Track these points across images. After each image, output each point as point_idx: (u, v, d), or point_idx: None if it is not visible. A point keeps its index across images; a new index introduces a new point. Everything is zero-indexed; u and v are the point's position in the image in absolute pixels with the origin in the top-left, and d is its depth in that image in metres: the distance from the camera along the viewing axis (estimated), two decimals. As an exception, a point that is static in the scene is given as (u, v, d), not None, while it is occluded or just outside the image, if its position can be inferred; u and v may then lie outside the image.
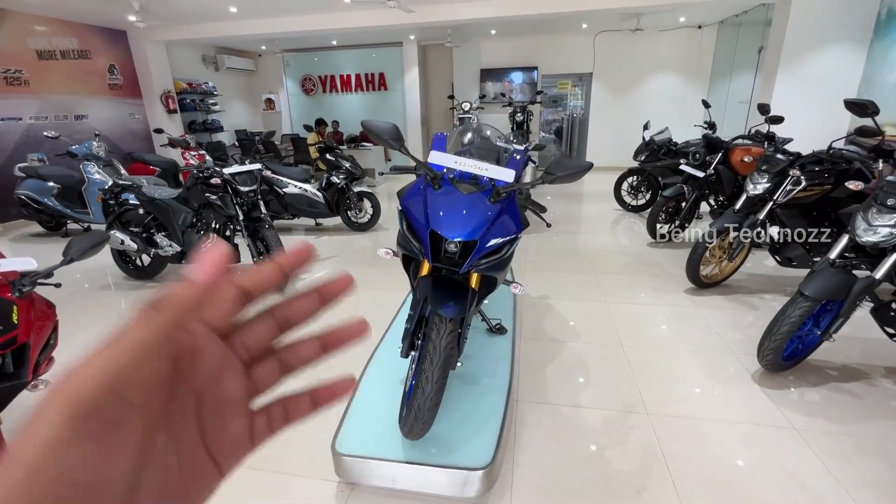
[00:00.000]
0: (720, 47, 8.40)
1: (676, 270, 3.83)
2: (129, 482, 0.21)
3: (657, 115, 8.11)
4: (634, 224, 5.49)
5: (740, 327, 2.87)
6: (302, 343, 0.30)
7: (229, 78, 9.77)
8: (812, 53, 5.56)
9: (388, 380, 2.04)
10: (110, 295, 3.69)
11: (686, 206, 4.48)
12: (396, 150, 1.45)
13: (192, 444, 0.25)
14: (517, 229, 1.49)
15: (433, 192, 1.48)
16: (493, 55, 9.41)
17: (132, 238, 3.62)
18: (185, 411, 0.24)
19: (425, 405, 1.42)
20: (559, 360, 2.53)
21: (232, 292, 0.26)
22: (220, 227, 3.57)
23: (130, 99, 7.49)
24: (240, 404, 0.27)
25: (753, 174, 3.19)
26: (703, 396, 2.21)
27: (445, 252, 1.45)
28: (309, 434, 1.96)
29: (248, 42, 9.25)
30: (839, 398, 2.17)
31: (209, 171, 3.40)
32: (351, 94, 10.26)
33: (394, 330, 2.66)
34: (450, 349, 1.42)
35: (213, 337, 0.25)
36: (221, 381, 0.26)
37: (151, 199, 3.60)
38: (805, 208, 3.11)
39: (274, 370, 0.29)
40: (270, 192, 5.15)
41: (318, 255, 0.31)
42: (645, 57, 8.91)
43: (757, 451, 1.84)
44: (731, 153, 4.30)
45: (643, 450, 1.87)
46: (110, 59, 7.10)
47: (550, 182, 1.39)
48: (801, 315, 2.08)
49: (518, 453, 1.84)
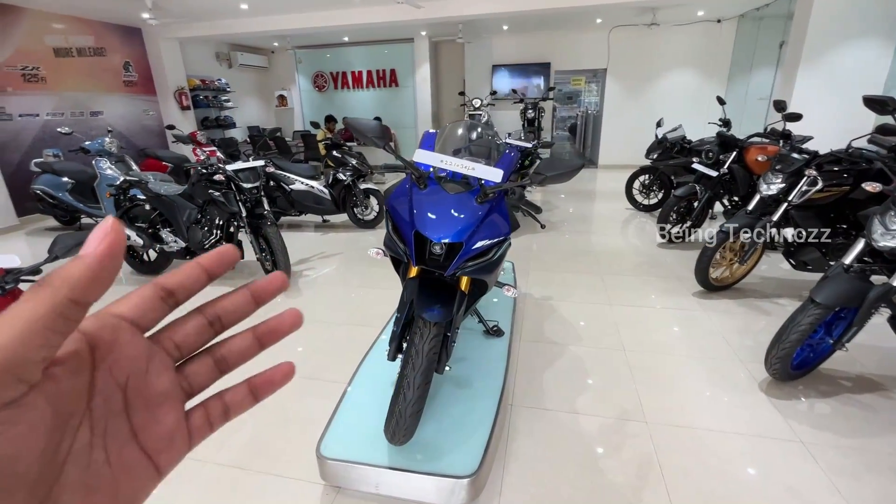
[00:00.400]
0: (740, 42, 8.14)
1: (686, 272, 3.72)
2: (40, 468, 0.21)
3: (673, 112, 7.92)
4: (645, 224, 5.37)
5: (750, 333, 2.77)
6: (234, 339, 0.30)
7: (242, 75, 9.86)
8: (836, 48, 5.34)
9: (379, 383, 2.01)
10: (121, 290, 3.74)
11: (698, 206, 4.35)
12: (381, 149, 1.41)
13: (122, 439, 0.25)
14: (506, 231, 1.44)
15: (419, 192, 1.44)
16: (505, 51, 9.30)
17: (138, 233, 3.66)
18: (110, 405, 0.25)
19: (407, 411, 1.38)
20: (558, 363, 2.46)
21: (152, 290, 0.26)
22: (223, 223, 3.58)
23: (145, 96, 7.60)
24: (172, 400, 0.27)
25: (767, 174, 3.07)
26: (706, 405, 2.13)
27: (431, 254, 1.40)
28: (298, 436, 1.95)
29: (261, 39, 9.31)
30: (851, 411, 2.07)
31: (213, 168, 3.41)
32: (362, 90, 10.26)
33: (388, 331, 2.63)
34: (433, 354, 1.38)
35: (135, 331, 0.26)
36: (149, 377, 0.26)
37: (157, 195, 3.63)
38: (822, 210, 2.98)
39: (209, 368, 0.29)
40: (278, 188, 5.17)
41: (236, 260, 0.30)
42: (661, 52, 8.69)
43: (759, 465, 1.76)
44: (747, 152, 4.15)
45: (639, 460, 1.80)
46: (125, 56, 7.21)
47: (540, 183, 1.33)
48: (811, 323, 1.98)
49: (509, 460, 1.79)
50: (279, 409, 2.13)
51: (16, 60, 5.75)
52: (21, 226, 5.78)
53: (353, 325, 2.95)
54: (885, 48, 5.22)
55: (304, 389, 2.29)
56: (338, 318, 3.07)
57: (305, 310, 2.71)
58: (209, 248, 3.59)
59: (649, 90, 9.03)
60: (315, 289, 3.58)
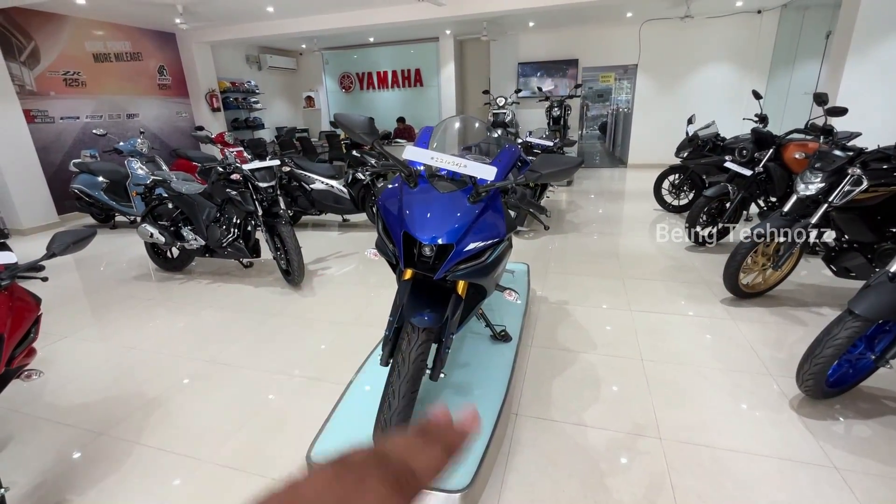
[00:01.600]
0: (782, 33, 7.67)
1: (715, 278, 3.50)
2: None
3: (708, 109, 7.56)
4: (674, 226, 5.11)
5: (783, 345, 2.56)
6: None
7: (271, 77, 10.08)
8: (886, 38, 4.93)
9: (377, 387, 1.95)
10: (149, 286, 3.85)
11: (730, 207, 4.10)
12: (369, 146, 1.35)
13: None
14: (501, 232, 1.35)
15: (409, 191, 1.37)
16: (532, 48, 9.12)
17: (160, 231, 3.76)
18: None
19: (392, 420, 1.32)
20: (568, 371, 2.35)
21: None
22: (240, 221, 3.63)
23: (178, 98, 7.87)
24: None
25: (805, 172, 2.83)
26: (729, 422, 1.97)
27: (421, 256, 1.33)
28: (295, 439, 1.92)
29: (288, 41, 9.49)
30: (894, 435, 1.86)
31: (230, 167, 3.46)
32: (387, 90, 10.30)
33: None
34: (420, 361, 1.31)
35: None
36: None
37: (179, 194, 3.72)
38: (867, 211, 2.72)
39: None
40: (299, 188, 5.22)
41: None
42: (695, 46, 8.31)
43: (785, 492, 1.60)
44: (785, 149, 3.88)
45: (650, 480, 1.67)
46: (160, 60, 7.48)
47: (535, 181, 1.24)
48: (848, 336, 1.80)
49: (509, 473, 1.70)
50: (279, 410, 2.11)
51: (58, 66, 6.06)
52: (61, 223, 6.08)
53: (361, 326, 2.92)
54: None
55: (307, 390, 2.27)
56: (347, 318, 3.05)
57: (316, 309, 2.71)
58: (227, 245, 3.66)
59: (682, 86, 8.66)
60: (329, 288, 3.58)
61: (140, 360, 2.64)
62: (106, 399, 2.28)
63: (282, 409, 2.13)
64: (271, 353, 2.65)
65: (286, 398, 2.22)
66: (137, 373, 2.50)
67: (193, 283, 3.82)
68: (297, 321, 3.05)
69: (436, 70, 9.54)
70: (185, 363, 2.57)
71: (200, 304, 3.38)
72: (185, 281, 3.87)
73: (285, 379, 2.37)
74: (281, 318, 3.09)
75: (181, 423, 2.07)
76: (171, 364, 2.57)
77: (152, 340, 2.87)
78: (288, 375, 2.40)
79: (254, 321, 3.07)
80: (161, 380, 2.41)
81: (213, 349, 2.70)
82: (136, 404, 2.21)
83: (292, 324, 3.02)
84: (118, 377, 2.48)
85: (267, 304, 3.32)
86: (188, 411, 2.15)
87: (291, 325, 3.00)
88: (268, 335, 2.88)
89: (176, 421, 2.08)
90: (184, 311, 3.29)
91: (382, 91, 10.32)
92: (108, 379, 2.46)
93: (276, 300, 3.38)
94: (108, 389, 2.36)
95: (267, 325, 3.00)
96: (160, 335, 2.94)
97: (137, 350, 2.76)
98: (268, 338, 2.84)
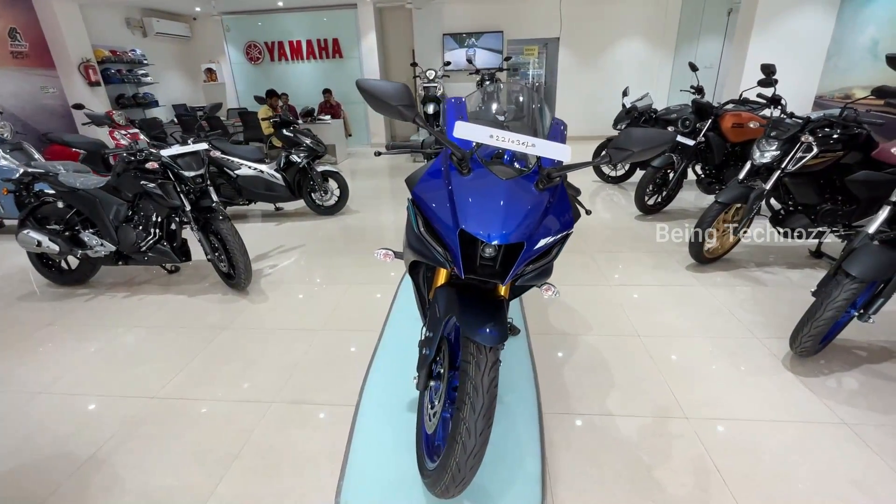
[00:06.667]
0: (686, 11, 8.21)
1: (671, 246, 3.65)
2: None
3: (625, 82, 7.89)
4: (614, 196, 5.30)
5: (756, 306, 2.70)
6: None
7: (161, 45, 8.65)
8: (787, 13, 5.43)
9: (390, 410, 1.68)
10: (36, 305, 3.05)
11: (674, 176, 4.29)
12: (410, 122, 1.04)
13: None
14: (570, 223, 1.14)
15: (460, 178, 1.10)
16: (456, 19, 8.81)
17: (51, 238, 2.99)
18: None
19: (467, 464, 1.07)
20: (575, 357, 2.25)
21: None
22: (162, 220, 3.00)
23: (41, 70, 6.41)
24: None
25: (761, 141, 2.98)
26: (739, 391, 2.00)
27: (480, 258, 1.08)
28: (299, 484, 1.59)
29: (178, 2, 8.16)
30: (877, 384, 2.02)
31: (143, 154, 2.80)
32: (303, 62, 9.38)
33: (386, 342, 2.28)
34: (494, 388, 1.07)
35: None
36: None
37: (73, 190, 2.97)
38: (813, 176, 2.94)
39: None
40: (220, 174, 4.52)
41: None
42: (612, 22, 8.62)
43: (817, 457, 1.64)
44: (721, 119, 4.11)
45: (694, 465, 1.62)
46: (10, 21, 5.98)
47: (623, 160, 1.04)
48: (847, 298, 1.88)
49: (556, 485, 1.55)
50: (266, 449, 1.74)
51: None
52: None
53: (333, 331, 2.57)
54: (829, 14, 5.38)
55: (292, 418, 1.90)
56: (314, 323, 2.66)
57: (274, 316, 2.24)
58: (146, 250, 3.01)
59: (602, 60, 8.97)
60: (281, 290, 3.12)
61: (54, 408, 2.05)
62: (18, 470, 1.72)
63: (269, 446, 1.76)
64: (231, 376, 2.21)
65: (269, 432, 1.84)
66: (54, 426, 1.93)
67: (105, 297, 3.11)
68: (254, 333, 2.60)
69: (356, 40, 8.86)
70: (119, 404, 2.04)
71: (120, 325, 2.75)
72: (92, 297, 3.14)
73: (260, 408, 1.98)
74: (233, 332, 2.61)
75: (135, 489, 1.61)
76: (99, 408, 2.03)
77: (64, 379, 2.25)
78: (262, 403, 2.01)
79: (198, 339, 2.55)
80: (90, 432, 1.88)
81: (151, 381, 2.19)
82: (63, 471, 1.68)
83: (248, 337, 2.56)
84: (28, 435, 1.89)
85: (210, 317, 2.79)
86: (141, 471, 1.68)
87: (248, 338, 2.55)
88: (221, 355, 2.40)
89: (127, 487, 1.62)
90: (98, 335, 2.65)
91: (297, 63, 9.38)
92: (13, 440, 1.87)
93: (220, 310, 2.87)
94: (18, 454, 1.79)
95: (216, 343, 2.51)
96: (73, 370, 2.32)
97: (46, 395, 2.14)
98: (221, 358, 2.37)
